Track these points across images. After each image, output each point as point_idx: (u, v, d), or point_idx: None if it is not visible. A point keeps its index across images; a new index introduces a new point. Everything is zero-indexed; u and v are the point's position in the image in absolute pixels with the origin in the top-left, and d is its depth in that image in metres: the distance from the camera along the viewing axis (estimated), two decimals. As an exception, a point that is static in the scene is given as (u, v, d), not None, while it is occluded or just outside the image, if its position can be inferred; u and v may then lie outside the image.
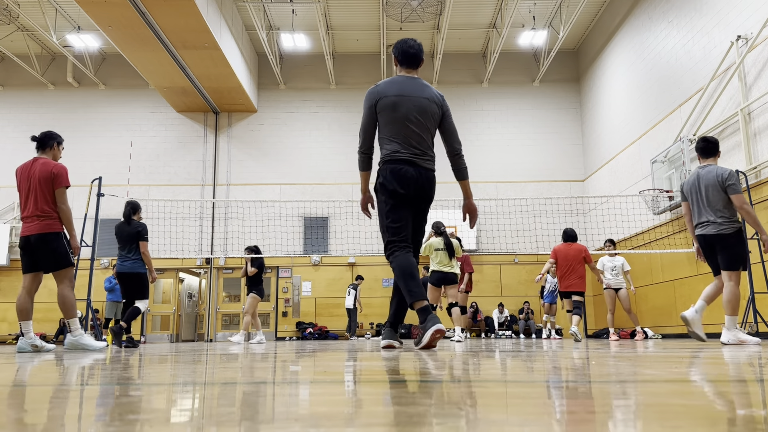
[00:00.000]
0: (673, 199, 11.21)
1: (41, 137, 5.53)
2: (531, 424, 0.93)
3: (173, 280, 16.22)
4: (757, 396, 1.31)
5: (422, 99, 4.04)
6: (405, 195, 3.98)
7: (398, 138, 3.99)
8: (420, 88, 4.09)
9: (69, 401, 1.33)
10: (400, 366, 2.45)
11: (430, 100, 4.06)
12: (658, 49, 12.09)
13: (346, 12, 15.06)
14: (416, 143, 4.00)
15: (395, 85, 4.05)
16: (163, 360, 3.47)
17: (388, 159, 4.02)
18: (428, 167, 4.06)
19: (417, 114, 4.00)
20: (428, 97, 4.06)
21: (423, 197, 4.07)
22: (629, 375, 1.87)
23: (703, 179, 5.40)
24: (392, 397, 1.31)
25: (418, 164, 4.00)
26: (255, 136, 16.60)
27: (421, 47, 4.23)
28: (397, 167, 3.97)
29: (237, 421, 0.97)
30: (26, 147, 16.56)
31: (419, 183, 4.00)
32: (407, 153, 3.98)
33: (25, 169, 5.43)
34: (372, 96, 4.04)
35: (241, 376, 2.08)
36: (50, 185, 5.30)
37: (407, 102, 3.99)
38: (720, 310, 10.07)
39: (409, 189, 3.98)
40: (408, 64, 4.17)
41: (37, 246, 5.29)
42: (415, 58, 4.16)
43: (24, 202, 5.40)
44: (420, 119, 4.01)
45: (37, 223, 5.30)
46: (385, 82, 4.07)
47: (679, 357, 3.04)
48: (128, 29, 12.17)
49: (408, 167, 3.97)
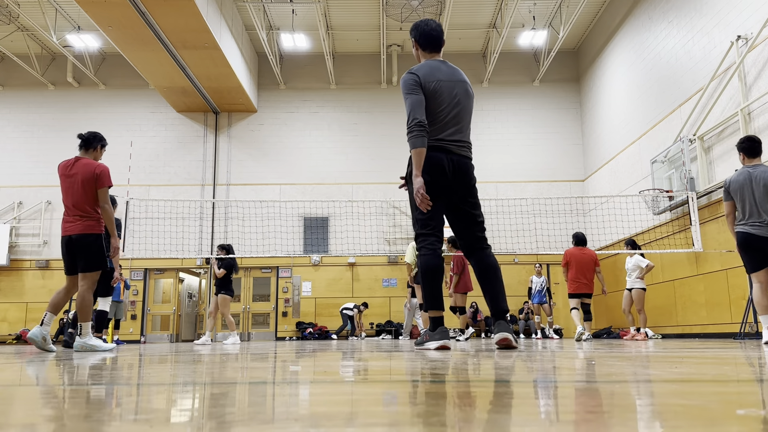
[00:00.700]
0: (672, 199, 11.21)
1: (88, 137, 5.52)
2: (531, 424, 0.93)
3: (173, 280, 16.22)
4: (757, 396, 1.31)
5: (459, 83, 3.87)
6: (438, 185, 3.76)
7: (435, 126, 3.78)
8: (453, 71, 3.91)
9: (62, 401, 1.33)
10: (412, 367, 2.45)
11: (465, 83, 3.91)
12: (658, 49, 12.09)
13: (346, 12, 15.05)
14: (454, 130, 3.81)
15: (433, 70, 3.83)
16: (163, 360, 3.48)
17: (436, 145, 3.79)
18: (464, 155, 3.85)
19: (458, 99, 3.83)
20: (463, 80, 3.92)
21: (462, 186, 3.82)
22: (629, 375, 1.87)
23: (758, 179, 5.33)
24: (398, 396, 1.31)
25: (454, 152, 3.79)
26: (255, 136, 16.59)
27: (441, 27, 4.00)
28: (432, 155, 3.73)
29: (237, 422, 0.97)
30: (26, 147, 16.60)
31: (456, 172, 3.77)
32: (443, 141, 3.78)
33: (67, 167, 5.41)
34: (416, 78, 3.78)
35: (241, 376, 2.08)
36: (93, 185, 5.30)
37: (448, 87, 3.80)
38: (731, 309, 10.09)
39: (443, 179, 3.75)
40: (432, 47, 3.95)
41: (77, 246, 5.30)
42: (438, 41, 3.95)
43: (65, 200, 5.38)
44: (461, 104, 3.84)
45: (79, 223, 5.30)
46: (421, 69, 3.83)
47: (679, 357, 3.04)
48: (128, 29, 12.17)
49: (442, 155, 3.75)
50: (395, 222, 15.84)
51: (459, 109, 3.82)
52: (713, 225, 10.22)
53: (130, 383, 1.84)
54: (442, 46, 3.98)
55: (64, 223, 5.39)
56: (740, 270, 9.34)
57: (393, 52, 16.60)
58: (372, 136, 16.49)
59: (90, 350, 5.37)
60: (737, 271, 9.51)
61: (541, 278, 12.80)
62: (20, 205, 16.08)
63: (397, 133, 16.39)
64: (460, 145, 3.83)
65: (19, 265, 15.64)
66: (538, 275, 12.94)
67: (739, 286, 9.45)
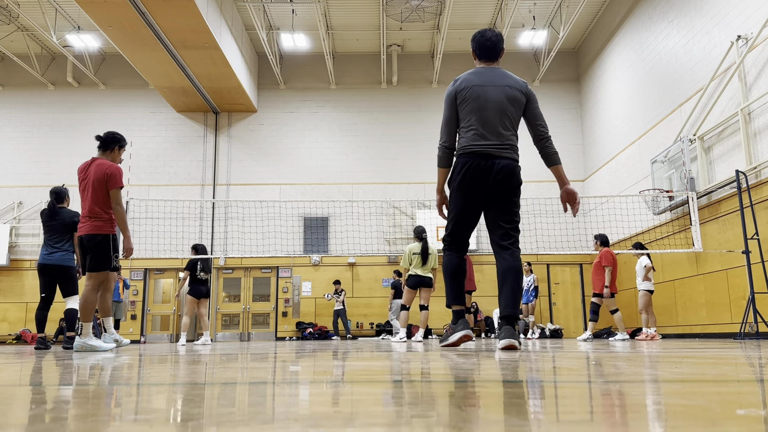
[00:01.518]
0: (673, 199, 11.21)
1: (105, 138, 5.54)
2: (532, 424, 0.92)
3: (173, 280, 16.22)
4: (757, 396, 1.31)
5: (504, 87, 3.91)
6: (475, 193, 3.84)
7: (475, 128, 3.84)
8: (501, 76, 3.96)
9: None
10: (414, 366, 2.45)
11: (513, 87, 3.92)
12: (658, 49, 12.08)
13: (346, 12, 15.05)
14: (494, 134, 3.84)
15: (476, 75, 3.95)
16: (163, 360, 3.47)
17: (462, 152, 3.88)
18: (507, 156, 3.85)
19: (499, 102, 3.86)
20: (510, 84, 3.93)
21: (502, 189, 3.84)
22: (629, 375, 1.87)
23: None
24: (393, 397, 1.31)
25: (495, 155, 3.81)
26: (255, 136, 16.59)
27: (500, 37, 4.06)
28: (470, 161, 3.81)
29: (237, 422, 0.97)
30: (26, 147, 16.60)
31: (497, 176, 3.80)
32: (483, 144, 3.82)
33: (83, 169, 5.48)
34: (452, 90, 3.94)
35: (241, 376, 2.08)
36: (104, 186, 5.32)
37: (489, 91, 3.87)
38: (731, 309, 10.09)
39: (480, 186, 3.82)
40: (487, 57, 4.04)
41: (88, 246, 5.35)
42: (493, 51, 4.03)
43: (81, 201, 5.45)
44: (501, 107, 3.87)
45: (90, 224, 5.35)
46: (465, 74, 3.96)
47: (680, 357, 3.04)
48: (128, 29, 12.17)
49: (481, 160, 3.80)
50: (395, 222, 15.84)
51: (500, 111, 3.86)
52: (713, 225, 10.22)
53: (130, 383, 1.84)
54: (497, 54, 4.05)
55: (80, 223, 5.48)
56: (740, 270, 9.34)
57: (393, 52, 16.61)
58: (372, 136, 16.49)
59: (90, 350, 5.39)
60: (737, 271, 9.52)
61: (529, 277, 12.71)
62: (20, 205, 16.08)
63: (397, 132, 16.38)
64: (503, 148, 3.85)
65: (19, 265, 15.64)
66: (527, 274, 12.85)
67: (739, 286, 9.45)
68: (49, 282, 6.95)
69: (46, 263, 6.87)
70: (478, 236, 15.46)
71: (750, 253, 8.75)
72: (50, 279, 6.94)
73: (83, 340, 5.42)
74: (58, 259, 6.87)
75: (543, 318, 15.36)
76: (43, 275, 6.93)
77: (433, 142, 16.35)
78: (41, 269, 6.90)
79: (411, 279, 8.74)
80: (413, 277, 8.72)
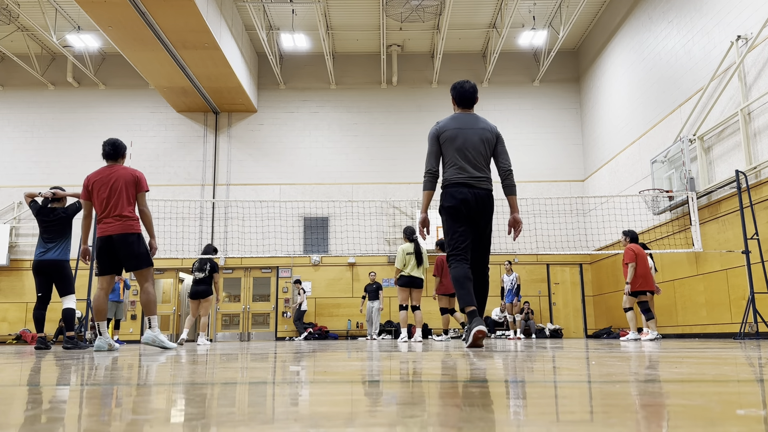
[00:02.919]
0: (673, 199, 11.20)
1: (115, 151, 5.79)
2: (532, 424, 0.92)
3: (173, 280, 16.22)
4: (757, 396, 1.31)
5: (479, 130, 4.63)
6: (463, 214, 4.50)
7: (458, 164, 4.54)
8: (475, 120, 4.70)
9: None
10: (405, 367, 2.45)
11: (485, 130, 4.65)
12: (658, 49, 12.08)
13: (346, 12, 15.05)
14: (473, 168, 4.55)
15: (455, 120, 4.67)
16: (163, 362, 3.48)
17: (447, 183, 4.57)
18: (485, 187, 4.59)
19: (476, 143, 4.58)
20: (483, 127, 4.66)
21: (481, 214, 4.57)
22: (629, 375, 1.87)
23: None
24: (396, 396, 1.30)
25: (475, 186, 4.53)
26: (255, 136, 16.59)
27: (475, 89, 4.79)
28: (456, 190, 4.51)
29: (237, 422, 0.97)
30: (26, 147, 16.60)
31: (477, 202, 4.52)
32: (465, 176, 4.53)
33: (102, 176, 5.64)
34: (435, 131, 4.65)
35: (241, 376, 2.08)
36: (134, 189, 5.62)
37: (465, 133, 4.59)
38: (731, 309, 10.09)
39: (466, 208, 4.50)
40: (465, 105, 4.76)
41: (120, 246, 5.47)
42: (470, 100, 4.75)
43: (104, 205, 5.54)
44: (477, 147, 4.58)
45: (120, 224, 5.49)
46: (445, 119, 4.69)
47: (680, 357, 3.04)
48: (128, 29, 12.16)
49: (464, 189, 4.51)
50: (395, 222, 15.84)
51: (475, 150, 4.59)
52: (713, 225, 10.22)
53: (130, 383, 1.84)
54: (473, 103, 4.80)
55: (103, 225, 5.52)
56: (740, 270, 9.34)
57: (393, 52, 16.60)
58: (372, 136, 16.48)
59: (160, 345, 5.61)
60: (737, 271, 9.52)
61: (512, 276, 12.61)
62: (20, 205, 16.07)
63: (397, 133, 16.38)
64: (480, 180, 4.57)
65: (19, 265, 15.64)
66: (508, 273, 12.74)
67: (739, 286, 9.45)
68: (44, 281, 6.93)
69: (40, 260, 6.86)
70: (478, 236, 15.46)
71: (750, 253, 8.75)
72: (46, 278, 6.92)
73: (155, 334, 5.58)
74: (53, 257, 6.87)
75: (543, 318, 15.36)
76: (39, 274, 6.90)
77: (433, 142, 16.36)
78: (36, 267, 6.88)
79: (402, 278, 8.85)
80: (405, 277, 8.84)
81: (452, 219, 4.54)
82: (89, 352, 5.43)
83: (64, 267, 6.96)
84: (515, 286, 12.40)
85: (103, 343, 5.58)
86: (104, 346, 5.58)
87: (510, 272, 12.52)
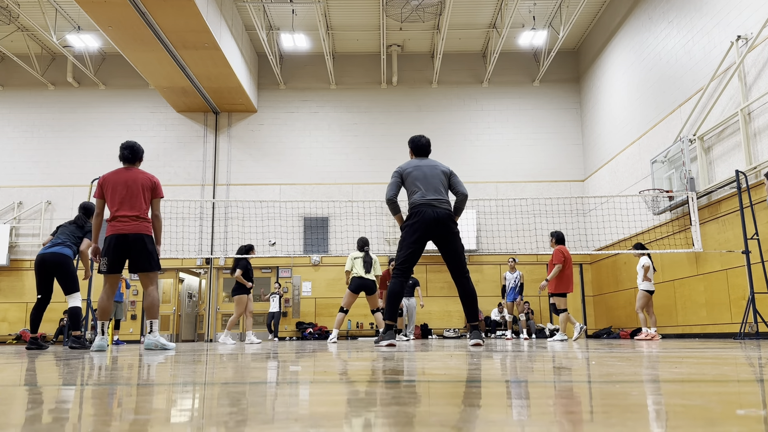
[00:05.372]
0: (673, 199, 11.20)
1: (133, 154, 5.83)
2: (532, 424, 0.93)
3: (173, 280, 16.22)
4: (757, 396, 1.31)
5: (434, 167, 5.63)
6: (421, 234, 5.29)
7: (421, 190, 5.42)
8: (431, 162, 5.70)
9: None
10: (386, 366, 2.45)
11: (439, 168, 5.62)
12: (658, 49, 12.08)
13: (346, 12, 15.05)
14: (435, 192, 5.42)
15: (413, 162, 5.70)
16: (161, 362, 3.48)
17: (414, 205, 5.40)
18: (445, 207, 5.39)
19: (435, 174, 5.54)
20: (437, 165, 5.65)
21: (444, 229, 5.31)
22: (629, 375, 1.87)
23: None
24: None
25: (437, 206, 5.34)
26: (255, 136, 16.59)
27: (429, 142, 5.87)
28: (421, 210, 5.32)
29: (237, 422, 0.97)
30: (26, 147, 16.59)
31: (437, 221, 5.29)
32: (429, 198, 5.37)
33: (119, 177, 5.67)
34: (398, 171, 5.62)
35: (241, 376, 2.08)
36: (150, 193, 5.75)
37: (426, 169, 5.57)
38: (731, 309, 10.09)
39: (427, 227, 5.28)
40: (420, 154, 5.78)
41: (134, 245, 5.51)
42: (425, 150, 5.78)
43: (120, 204, 5.56)
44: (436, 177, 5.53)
45: (136, 224, 5.56)
46: (406, 163, 5.67)
47: (680, 357, 3.04)
48: (128, 29, 12.16)
49: (428, 209, 5.32)
50: (395, 222, 15.83)
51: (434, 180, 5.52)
52: (713, 225, 10.22)
53: (130, 383, 1.84)
54: (428, 153, 5.83)
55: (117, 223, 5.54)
56: (740, 270, 9.34)
57: (393, 52, 16.60)
58: (372, 136, 16.48)
59: (161, 348, 5.64)
60: (737, 271, 9.52)
61: (515, 274, 12.46)
62: (20, 205, 16.07)
63: (397, 133, 16.37)
64: (441, 202, 5.42)
65: (19, 265, 15.64)
66: (512, 270, 12.57)
67: (739, 286, 9.45)
68: (46, 279, 6.88)
69: (44, 254, 6.85)
70: (478, 236, 15.46)
71: (750, 253, 8.75)
72: (47, 276, 6.87)
73: (156, 338, 5.62)
74: (56, 252, 6.85)
75: (543, 318, 15.36)
76: (40, 272, 6.85)
77: (433, 142, 16.08)
78: (39, 262, 6.84)
79: (353, 282, 9.18)
80: (356, 279, 9.15)
81: (409, 235, 5.29)
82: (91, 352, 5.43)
83: (68, 263, 6.93)
84: (518, 284, 12.29)
85: (104, 343, 5.59)
86: (105, 345, 5.59)
87: (513, 269, 12.43)
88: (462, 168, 16.29)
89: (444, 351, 4.51)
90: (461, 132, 16.52)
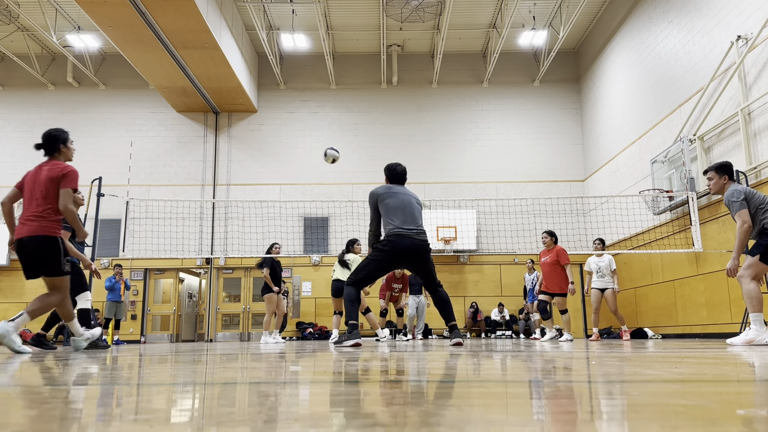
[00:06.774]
0: (673, 199, 11.20)
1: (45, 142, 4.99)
2: (532, 424, 0.93)
3: (173, 280, 16.22)
4: (757, 396, 1.31)
5: (408, 195, 5.77)
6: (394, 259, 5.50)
7: (400, 220, 5.52)
8: (405, 189, 5.85)
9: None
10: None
11: (411, 196, 5.78)
12: (658, 49, 12.08)
13: (346, 12, 15.05)
14: (410, 221, 5.55)
15: (388, 188, 5.77)
16: (163, 360, 3.48)
17: (391, 233, 5.52)
18: (422, 239, 5.57)
19: (410, 203, 5.66)
20: (410, 194, 5.79)
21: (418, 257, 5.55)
22: (629, 375, 1.87)
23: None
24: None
25: (414, 237, 5.51)
26: (255, 136, 16.59)
27: (405, 170, 5.98)
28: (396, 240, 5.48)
29: (237, 422, 0.97)
30: (26, 147, 16.57)
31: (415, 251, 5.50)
32: (406, 229, 5.51)
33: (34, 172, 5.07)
34: (373, 196, 5.69)
35: (241, 376, 2.08)
36: (56, 185, 4.88)
37: (402, 197, 5.66)
38: (731, 309, 10.09)
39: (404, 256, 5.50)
40: (397, 181, 5.89)
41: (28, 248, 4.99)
42: (401, 178, 5.91)
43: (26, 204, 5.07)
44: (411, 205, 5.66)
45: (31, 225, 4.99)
46: (380, 188, 5.73)
47: (679, 357, 3.04)
48: (128, 29, 12.16)
49: (406, 240, 5.48)
50: (395, 222, 15.81)
51: (411, 209, 5.63)
52: (713, 225, 10.22)
53: (130, 383, 1.84)
54: (404, 181, 5.94)
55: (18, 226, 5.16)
56: (740, 270, 9.32)
57: (393, 52, 16.60)
58: (372, 136, 16.49)
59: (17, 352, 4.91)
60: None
61: (532, 275, 12.52)
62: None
63: (397, 133, 16.38)
64: (416, 231, 5.56)
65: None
66: (530, 272, 12.63)
67: (739, 287, 9.44)
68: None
69: None
70: (478, 236, 15.46)
71: (750, 253, 8.74)
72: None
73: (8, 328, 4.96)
74: None
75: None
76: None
77: (433, 142, 16.37)
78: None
79: (332, 286, 9.36)
80: (334, 283, 9.35)
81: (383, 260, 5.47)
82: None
83: (75, 263, 6.89)
84: (535, 285, 12.38)
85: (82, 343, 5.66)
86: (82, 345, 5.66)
87: (532, 270, 12.50)
88: (462, 168, 16.30)
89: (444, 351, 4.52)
90: (461, 132, 16.52)
